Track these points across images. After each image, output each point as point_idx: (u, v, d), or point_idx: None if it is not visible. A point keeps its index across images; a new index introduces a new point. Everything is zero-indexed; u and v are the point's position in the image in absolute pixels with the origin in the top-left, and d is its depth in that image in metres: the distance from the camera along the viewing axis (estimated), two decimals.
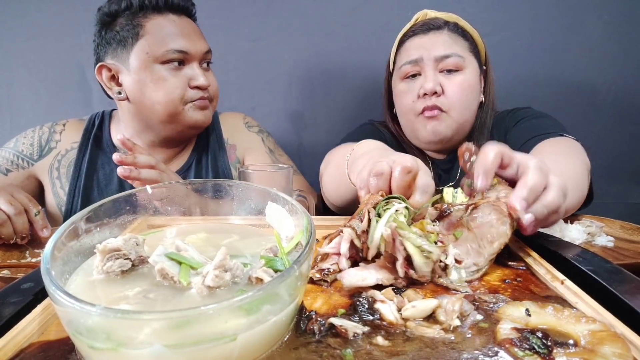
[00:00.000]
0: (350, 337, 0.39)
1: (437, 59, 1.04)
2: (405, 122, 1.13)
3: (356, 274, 0.48)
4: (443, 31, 1.07)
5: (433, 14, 1.11)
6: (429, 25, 1.08)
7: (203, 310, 0.32)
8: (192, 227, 0.57)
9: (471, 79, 1.06)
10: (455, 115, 1.05)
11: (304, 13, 1.52)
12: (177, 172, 1.16)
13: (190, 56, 1.05)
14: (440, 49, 1.04)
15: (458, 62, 1.04)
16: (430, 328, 0.40)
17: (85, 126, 1.19)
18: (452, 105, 1.04)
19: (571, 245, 0.62)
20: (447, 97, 1.04)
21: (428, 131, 1.07)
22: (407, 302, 0.44)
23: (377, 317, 0.42)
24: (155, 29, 1.02)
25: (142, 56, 1.02)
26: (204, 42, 1.09)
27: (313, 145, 1.62)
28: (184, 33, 1.04)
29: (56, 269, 0.40)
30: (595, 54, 1.50)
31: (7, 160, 1.13)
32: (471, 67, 1.07)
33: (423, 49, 1.06)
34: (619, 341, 0.37)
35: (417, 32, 1.09)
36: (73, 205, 1.14)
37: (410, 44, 1.10)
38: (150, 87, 1.03)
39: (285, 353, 0.37)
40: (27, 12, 1.50)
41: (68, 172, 1.15)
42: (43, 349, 0.39)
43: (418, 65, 1.06)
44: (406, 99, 1.09)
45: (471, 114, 1.09)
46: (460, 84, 1.04)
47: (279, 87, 1.58)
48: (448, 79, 1.04)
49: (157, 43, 1.02)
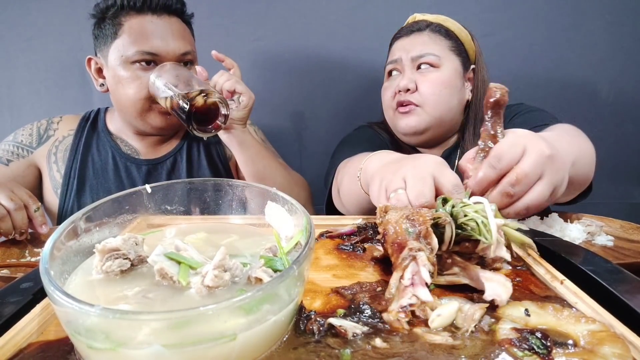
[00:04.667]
0: (350, 337, 0.39)
1: (413, 58, 1.11)
2: (387, 117, 1.20)
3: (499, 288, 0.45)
4: (423, 32, 1.13)
5: (420, 17, 1.17)
6: (412, 27, 1.15)
7: (202, 310, 0.32)
8: (191, 227, 0.57)
9: (447, 75, 1.10)
10: (428, 110, 1.10)
11: (304, 13, 1.52)
12: (167, 154, 1.23)
13: (162, 57, 1.06)
14: (417, 49, 1.11)
15: (433, 60, 1.10)
16: (438, 335, 0.40)
17: (81, 117, 1.25)
18: (425, 100, 1.09)
19: (571, 245, 0.62)
20: (420, 93, 1.09)
21: (402, 124, 1.13)
22: (430, 311, 0.42)
23: (377, 320, 0.42)
24: (130, 29, 1.05)
25: (116, 54, 1.06)
26: (183, 42, 1.09)
27: (314, 145, 1.62)
28: (158, 34, 1.06)
29: (55, 269, 0.40)
30: (596, 54, 1.50)
31: (7, 151, 1.16)
32: (449, 65, 1.11)
33: (403, 50, 1.13)
34: (619, 341, 0.37)
35: (402, 35, 1.17)
36: (69, 187, 1.17)
37: (395, 45, 1.17)
38: (121, 84, 1.07)
39: (284, 353, 0.37)
40: (27, 12, 1.50)
41: (64, 156, 1.19)
42: (42, 349, 0.39)
43: (398, 64, 1.13)
44: (386, 96, 1.17)
45: (448, 109, 1.12)
46: (433, 81, 1.09)
47: (279, 87, 1.58)
48: (423, 75, 1.10)
49: (129, 43, 1.05)
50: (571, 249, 0.58)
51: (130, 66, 1.05)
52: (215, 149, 1.28)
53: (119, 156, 1.19)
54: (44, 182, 1.20)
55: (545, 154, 0.56)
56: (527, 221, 0.93)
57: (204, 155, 1.26)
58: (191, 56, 1.12)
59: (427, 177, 0.57)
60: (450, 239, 0.49)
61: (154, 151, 1.22)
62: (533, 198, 0.57)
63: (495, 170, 0.57)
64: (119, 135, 1.22)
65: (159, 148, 1.23)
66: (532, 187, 0.57)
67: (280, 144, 1.35)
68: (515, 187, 0.56)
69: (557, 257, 0.56)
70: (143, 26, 1.05)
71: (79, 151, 1.19)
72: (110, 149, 1.20)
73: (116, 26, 1.06)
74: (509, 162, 0.57)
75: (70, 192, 1.16)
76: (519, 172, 0.56)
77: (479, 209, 0.51)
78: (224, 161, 1.28)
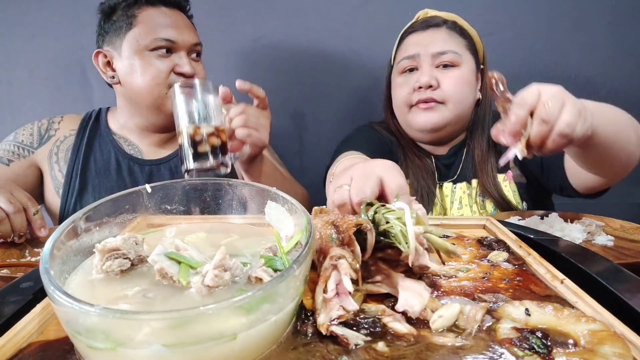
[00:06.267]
0: (352, 347, 0.38)
1: (433, 55, 1.10)
2: (400, 114, 1.19)
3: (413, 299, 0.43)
4: (441, 28, 1.12)
5: (433, 13, 1.16)
6: (428, 22, 1.14)
7: (202, 310, 0.32)
8: (191, 227, 0.57)
9: (467, 74, 1.11)
10: (450, 107, 1.10)
11: (304, 13, 1.52)
12: (170, 154, 1.22)
13: (178, 45, 1.10)
14: (437, 46, 1.10)
15: (454, 58, 1.09)
16: (446, 337, 0.40)
17: (83, 117, 1.26)
18: (448, 97, 1.09)
19: (571, 245, 0.62)
20: (442, 90, 1.09)
21: (422, 120, 1.12)
22: (430, 313, 0.42)
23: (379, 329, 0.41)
24: (146, 19, 1.10)
25: (133, 43, 1.09)
26: (194, 34, 1.15)
27: (314, 146, 1.61)
28: (173, 24, 1.11)
29: (55, 269, 0.40)
30: (597, 54, 1.50)
31: (8, 151, 1.16)
32: (467, 64, 1.11)
33: (420, 45, 1.11)
34: (619, 341, 0.37)
35: (416, 29, 1.15)
36: (70, 187, 1.17)
37: (409, 40, 1.15)
38: (138, 71, 1.09)
39: (284, 353, 0.37)
40: (28, 11, 1.50)
41: (66, 156, 1.19)
42: (42, 348, 0.39)
43: (415, 60, 1.12)
44: (402, 92, 1.14)
45: (466, 108, 1.14)
46: (455, 78, 1.09)
47: (280, 87, 1.57)
48: (443, 73, 1.10)
49: (147, 31, 1.08)
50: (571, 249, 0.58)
51: (148, 54, 1.09)
52: None
53: (121, 156, 1.19)
54: (45, 182, 1.20)
55: (557, 87, 0.65)
56: (527, 221, 0.93)
57: None
58: (200, 48, 1.16)
59: (372, 176, 0.58)
60: (371, 246, 0.46)
61: (156, 151, 1.22)
62: (566, 120, 0.63)
63: (523, 109, 0.64)
64: (122, 134, 1.22)
65: (162, 148, 1.24)
66: (560, 113, 0.63)
67: (280, 144, 1.35)
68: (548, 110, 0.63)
69: (557, 256, 0.56)
70: (158, 16, 1.10)
71: (81, 151, 1.19)
72: (113, 148, 1.20)
73: (130, 18, 1.10)
74: (532, 100, 0.64)
75: (72, 192, 1.16)
76: (544, 98, 0.64)
77: (401, 215, 0.47)
78: None
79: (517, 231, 0.66)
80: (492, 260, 0.58)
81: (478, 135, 1.17)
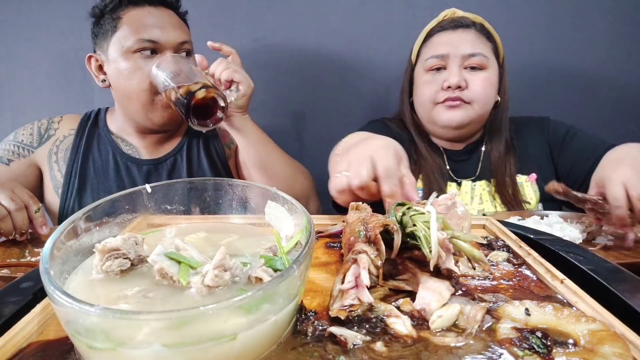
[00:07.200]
0: (350, 347, 0.38)
1: (464, 56, 1.12)
2: (423, 110, 1.20)
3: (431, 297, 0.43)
4: (470, 30, 1.14)
5: (461, 13, 1.17)
6: (457, 22, 1.15)
7: (202, 310, 0.32)
8: (191, 227, 0.57)
9: (493, 77, 1.14)
10: (477, 107, 1.14)
11: (305, 13, 1.52)
12: (167, 154, 1.23)
13: (162, 45, 1.08)
14: (468, 47, 1.12)
15: (482, 61, 1.12)
16: (446, 337, 0.39)
17: (82, 117, 1.26)
18: (476, 98, 1.12)
19: (571, 245, 0.62)
20: (470, 91, 1.12)
21: (447, 117, 1.14)
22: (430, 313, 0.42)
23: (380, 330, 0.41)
24: (130, 20, 1.08)
25: (118, 46, 1.08)
26: (181, 32, 1.12)
27: (314, 146, 1.61)
28: (157, 24, 1.08)
29: (55, 269, 0.40)
30: (598, 53, 1.50)
31: (8, 151, 1.16)
32: (493, 67, 1.15)
33: (451, 45, 1.13)
34: (619, 341, 0.37)
35: (445, 28, 1.16)
36: (70, 187, 1.17)
37: (438, 39, 1.16)
38: (124, 75, 1.08)
39: (284, 353, 0.37)
40: (28, 11, 1.50)
41: (65, 156, 1.19)
42: (42, 348, 0.39)
43: (444, 60, 1.13)
44: (429, 89, 1.16)
45: (489, 110, 1.18)
46: (483, 80, 1.12)
47: (280, 87, 1.57)
48: (472, 75, 1.13)
49: (130, 33, 1.07)
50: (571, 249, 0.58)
51: (132, 56, 1.07)
52: (214, 149, 1.28)
53: (119, 156, 1.20)
54: (45, 181, 1.20)
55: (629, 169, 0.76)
56: (527, 221, 0.93)
57: (204, 154, 1.26)
58: (189, 46, 1.14)
59: (365, 159, 0.60)
60: (397, 247, 0.48)
61: (154, 151, 1.23)
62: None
63: (622, 209, 0.74)
64: (120, 134, 1.22)
65: (160, 148, 1.24)
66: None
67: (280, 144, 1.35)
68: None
69: (557, 256, 0.56)
70: (141, 17, 1.08)
71: (80, 151, 1.19)
72: (111, 148, 1.20)
73: (115, 20, 1.08)
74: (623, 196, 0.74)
75: (72, 192, 1.17)
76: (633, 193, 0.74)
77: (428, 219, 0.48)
78: (223, 161, 1.28)
79: (517, 231, 0.66)
80: (492, 260, 0.58)
81: (495, 137, 1.20)
